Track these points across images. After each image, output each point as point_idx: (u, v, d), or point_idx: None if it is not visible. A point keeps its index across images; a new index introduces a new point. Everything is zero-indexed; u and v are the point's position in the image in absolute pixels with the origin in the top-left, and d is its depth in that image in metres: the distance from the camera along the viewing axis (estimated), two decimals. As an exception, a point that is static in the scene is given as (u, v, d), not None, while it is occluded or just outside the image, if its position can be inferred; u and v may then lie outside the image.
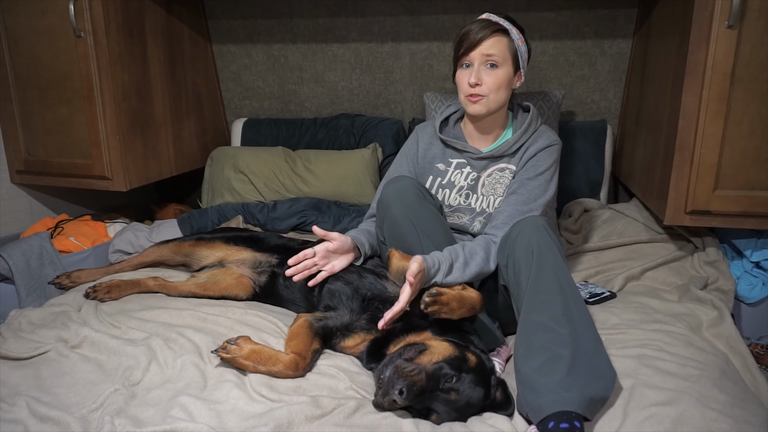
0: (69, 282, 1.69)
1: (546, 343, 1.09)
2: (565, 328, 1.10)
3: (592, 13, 2.11)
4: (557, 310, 1.13)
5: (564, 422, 0.97)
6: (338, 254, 1.47)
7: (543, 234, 1.23)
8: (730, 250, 1.83)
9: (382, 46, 2.34)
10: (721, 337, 1.35)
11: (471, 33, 1.43)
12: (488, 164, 1.54)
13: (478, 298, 1.29)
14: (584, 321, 1.14)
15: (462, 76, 1.47)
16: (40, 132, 2.06)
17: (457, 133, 1.60)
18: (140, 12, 2.07)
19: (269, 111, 2.63)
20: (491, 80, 1.43)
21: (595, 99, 2.27)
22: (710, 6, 1.43)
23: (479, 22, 1.45)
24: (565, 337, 1.09)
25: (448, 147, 1.59)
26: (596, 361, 1.09)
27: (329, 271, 1.45)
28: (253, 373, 1.18)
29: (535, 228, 1.25)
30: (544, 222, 1.27)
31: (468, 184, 1.55)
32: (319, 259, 1.45)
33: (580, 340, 1.09)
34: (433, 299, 1.20)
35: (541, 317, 1.13)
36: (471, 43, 1.42)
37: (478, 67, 1.43)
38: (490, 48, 1.42)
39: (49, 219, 2.20)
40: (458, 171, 1.56)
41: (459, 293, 1.25)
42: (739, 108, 1.47)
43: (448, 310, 1.23)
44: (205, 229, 2.11)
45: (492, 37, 1.42)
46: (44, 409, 1.06)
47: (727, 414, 1.03)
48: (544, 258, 1.20)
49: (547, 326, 1.11)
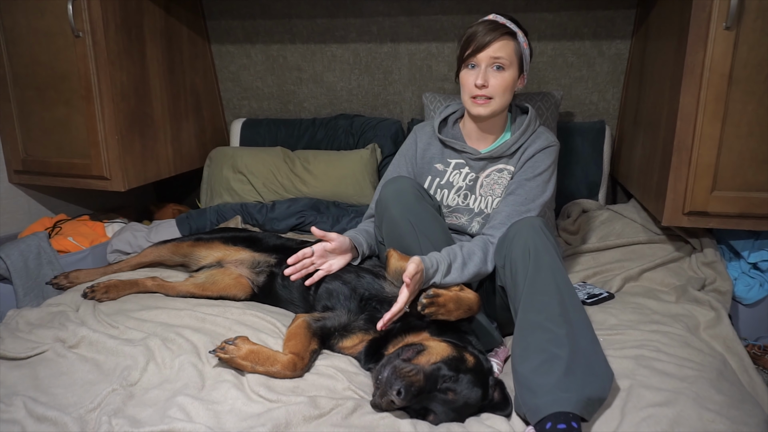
0: (67, 282, 1.69)
1: (543, 344, 1.10)
2: (562, 329, 1.10)
3: (590, 15, 2.11)
4: (554, 310, 1.13)
5: (561, 423, 0.97)
6: (336, 254, 1.48)
7: (539, 235, 1.24)
8: (727, 251, 1.83)
9: (380, 47, 2.34)
10: (718, 338, 1.36)
11: (479, 34, 1.43)
12: (486, 165, 1.54)
13: (475, 299, 1.29)
14: (581, 321, 1.14)
15: (468, 76, 1.46)
16: (39, 132, 2.06)
17: (455, 133, 1.60)
18: (139, 12, 2.07)
19: (268, 111, 2.63)
20: (498, 82, 1.43)
21: (593, 100, 2.28)
22: (708, 7, 1.44)
23: (487, 24, 1.44)
24: (562, 338, 1.09)
25: (447, 147, 1.59)
26: (593, 361, 1.09)
27: (326, 270, 1.45)
28: (251, 374, 1.18)
29: (532, 229, 1.25)
30: (541, 223, 1.28)
31: (467, 185, 1.55)
32: (317, 258, 1.45)
33: (577, 341, 1.10)
34: (430, 301, 1.20)
35: (538, 318, 1.14)
36: (479, 45, 1.42)
37: (485, 69, 1.43)
38: (498, 51, 1.42)
39: (48, 219, 2.20)
40: (457, 171, 1.56)
41: (456, 294, 1.25)
42: (737, 109, 1.48)
43: (446, 312, 1.23)
44: (203, 229, 2.11)
45: (500, 39, 1.42)
46: (41, 409, 1.06)
47: (724, 415, 1.03)
48: (541, 259, 1.20)
49: (544, 327, 1.11)
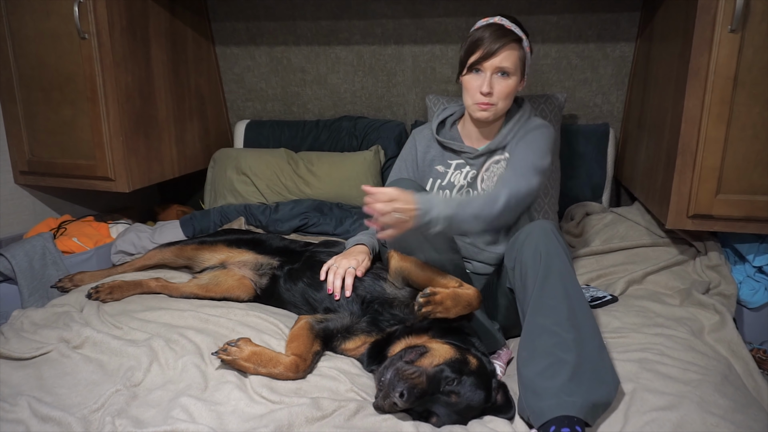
0: (71, 285, 1.70)
1: (550, 348, 1.09)
2: (570, 333, 1.10)
3: (594, 17, 2.11)
4: (562, 315, 1.13)
5: (565, 427, 0.97)
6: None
7: (551, 238, 1.23)
8: (732, 254, 1.83)
9: (384, 49, 2.34)
10: (722, 341, 1.35)
11: (485, 41, 1.42)
12: (486, 159, 1.55)
13: (474, 295, 1.28)
14: (589, 327, 1.14)
15: (472, 81, 1.46)
16: (44, 133, 2.07)
17: (453, 134, 1.61)
18: (144, 14, 2.08)
19: (272, 113, 2.63)
20: (502, 89, 1.44)
21: (597, 102, 2.27)
22: (713, 10, 1.43)
23: (494, 29, 1.43)
24: (570, 342, 1.08)
25: (446, 149, 1.59)
26: (600, 367, 1.09)
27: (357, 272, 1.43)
28: (254, 375, 1.18)
29: (543, 232, 1.25)
30: (553, 226, 1.27)
31: (468, 182, 1.56)
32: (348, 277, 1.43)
33: (584, 346, 1.09)
34: (426, 299, 1.20)
35: (546, 321, 1.13)
36: (486, 53, 1.41)
37: (491, 76, 1.43)
38: (506, 59, 1.42)
39: (52, 219, 2.21)
40: (458, 171, 1.57)
41: (454, 291, 1.24)
42: (742, 112, 1.47)
43: (443, 309, 1.22)
44: (207, 230, 2.12)
45: (506, 48, 1.42)
46: (46, 410, 1.07)
47: (729, 419, 1.03)
48: (552, 262, 1.19)
49: (552, 331, 1.11)
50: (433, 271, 1.33)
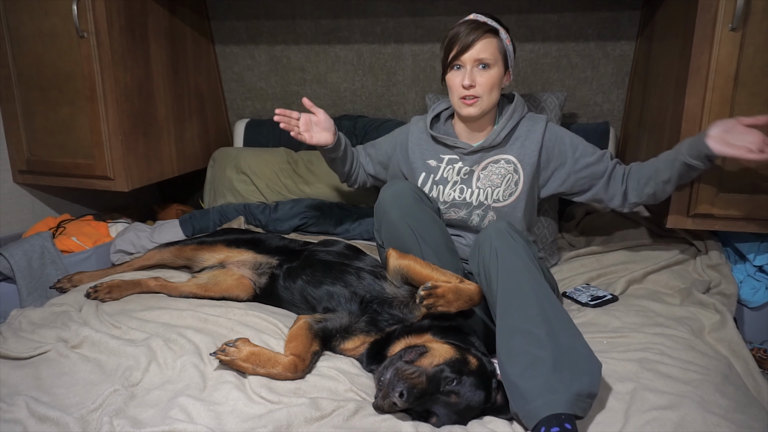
0: (70, 285, 1.70)
1: (525, 347, 1.08)
2: (542, 329, 1.09)
3: (595, 15, 2.10)
4: (531, 311, 1.12)
5: (554, 426, 0.96)
6: (320, 128, 1.62)
7: (504, 237, 1.24)
8: (732, 253, 1.82)
9: (384, 48, 2.34)
10: (723, 341, 1.34)
11: (461, 35, 1.44)
12: (482, 157, 1.54)
13: (476, 290, 1.27)
14: (559, 318, 1.12)
15: (454, 77, 1.47)
16: (43, 132, 2.07)
17: (447, 129, 1.61)
18: (143, 13, 2.08)
19: (272, 112, 2.61)
20: (484, 81, 1.45)
21: (597, 101, 2.27)
22: (713, 8, 1.43)
23: (468, 24, 1.45)
24: (543, 338, 1.07)
25: (439, 143, 1.59)
26: (576, 356, 1.07)
27: (309, 136, 1.60)
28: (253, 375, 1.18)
29: (497, 232, 1.26)
30: (507, 226, 1.28)
31: (461, 179, 1.55)
32: (302, 123, 1.61)
33: (558, 339, 1.08)
34: (428, 292, 1.20)
35: (515, 321, 1.12)
36: (463, 46, 1.43)
37: (471, 69, 1.44)
38: (483, 50, 1.43)
39: (51, 219, 2.20)
40: (450, 167, 1.57)
41: (455, 285, 1.24)
42: (743, 111, 1.46)
43: (445, 303, 1.22)
44: (206, 229, 2.12)
45: (483, 38, 1.43)
46: (43, 409, 1.06)
47: (729, 419, 1.02)
48: (507, 260, 1.19)
49: (524, 329, 1.10)
50: (432, 267, 1.33)
